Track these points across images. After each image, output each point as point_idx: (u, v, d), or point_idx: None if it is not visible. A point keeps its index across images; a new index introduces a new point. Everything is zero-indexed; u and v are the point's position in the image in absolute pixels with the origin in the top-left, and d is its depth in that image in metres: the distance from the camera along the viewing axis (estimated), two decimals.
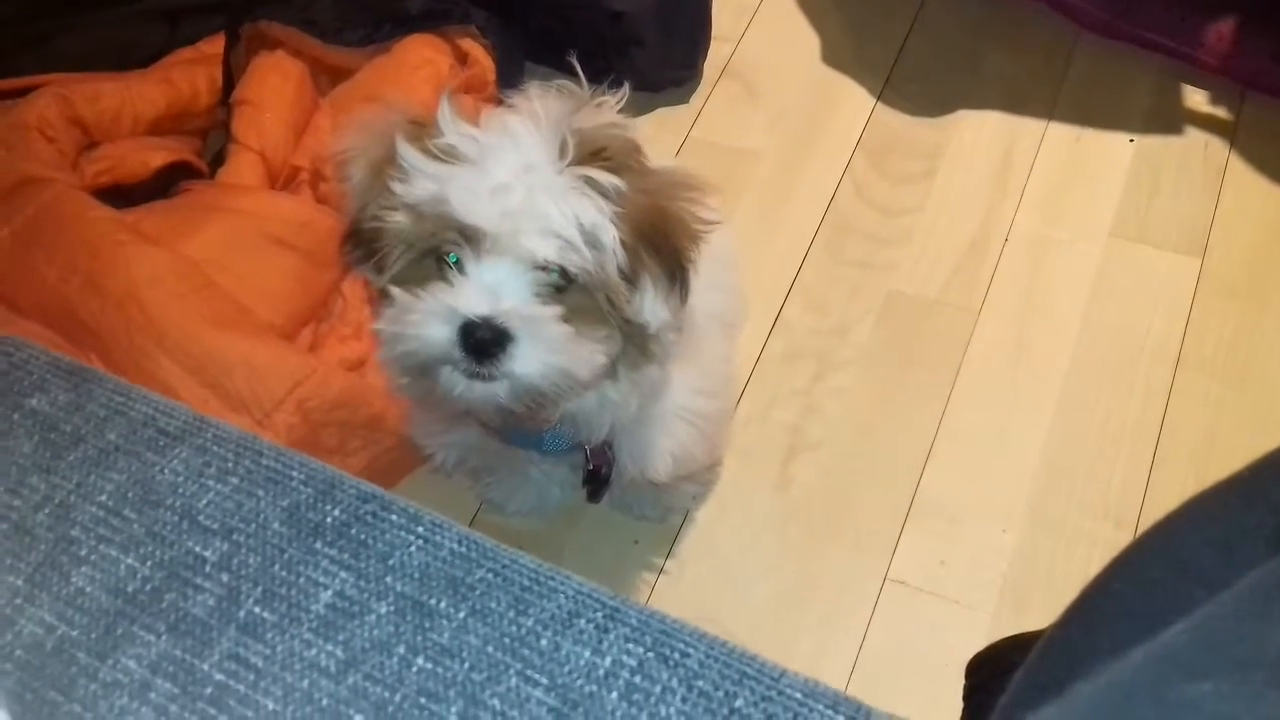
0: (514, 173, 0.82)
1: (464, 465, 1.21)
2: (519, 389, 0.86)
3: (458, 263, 0.85)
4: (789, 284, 1.51)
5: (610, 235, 0.84)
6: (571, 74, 0.94)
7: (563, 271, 0.84)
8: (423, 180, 0.83)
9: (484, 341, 0.83)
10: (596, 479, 1.10)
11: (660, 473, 1.07)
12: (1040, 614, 1.22)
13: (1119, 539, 1.28)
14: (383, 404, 1.29)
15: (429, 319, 0.84)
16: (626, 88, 0.95)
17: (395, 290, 0.86)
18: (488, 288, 0.84)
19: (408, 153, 0.84)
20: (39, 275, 1.32)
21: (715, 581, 1.29)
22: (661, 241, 0.87)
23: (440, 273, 0.86)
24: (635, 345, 0.92)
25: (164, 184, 1.49)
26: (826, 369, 1.44)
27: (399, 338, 0.86)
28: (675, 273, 0.88)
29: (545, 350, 0.85)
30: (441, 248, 0.85)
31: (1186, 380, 1.40)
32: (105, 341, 1.29)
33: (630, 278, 0.86)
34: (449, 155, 0.84)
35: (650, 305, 0.87)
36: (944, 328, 1.46)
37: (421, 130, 0.86)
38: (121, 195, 1.45)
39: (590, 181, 0.83)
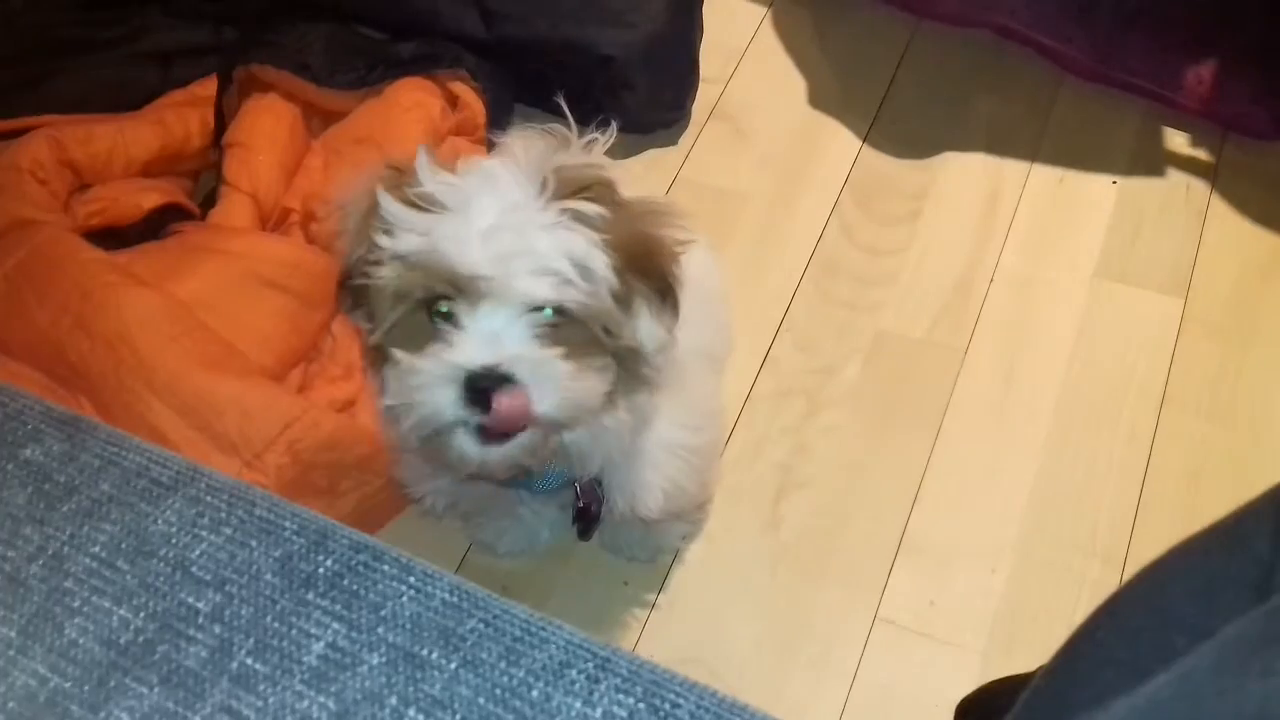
0: (500, 214, 0.83)
1: (454, 509, 1.21)
2: (533, 440, 0.87)
3: (450, 315, 0.85)
4: (778, 323, 1.53)
5: (601, 263, 0.84)
6: (561, 116, 0.95)
7: (558, 308, 0.85)
8: (407, 232, 0.84)
9: (490, 391, 0.83)
10: (587, 516, 1.11)
11: (651, 508, 1.08)
12: (1030, 653, 1.23)
13: (1107, 578, 1.29)
14: (373, 445, 1.29)
15: (433, 381, 0.84)
16: (614, 128, 0.96)
17: (397, 353, 0.86)
18: (487, 336, 0.84)
19: (389, 204, 0.84)
20: (30, 317, 1.33)
21: (705, 622, 1.29)
22: (648, 264, 0.89)
23: (434, 328, 0.86)
24: (629, 370, 0.93)
25: (155, 226, 1.50)
26: (816, 408, 1.45)
27: (407, 408, 0.85)
28: (665, 293, 0.90)
29: (554, 391, 0.85)
30: (433, 300, 0.85)
31: (1171, 419, 1.41)
32: (95, 383, 1.29)
33: (623, 303, 0.88)
34: (430, 204, 0.84)
35: (646, 326, 0.89)
36: (931, 367, 1.48)
37: (401, 179, 0.86)
38: (113, 237, 1.46)
39: (575, 214, 0.84)
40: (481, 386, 0.83)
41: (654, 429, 1.04)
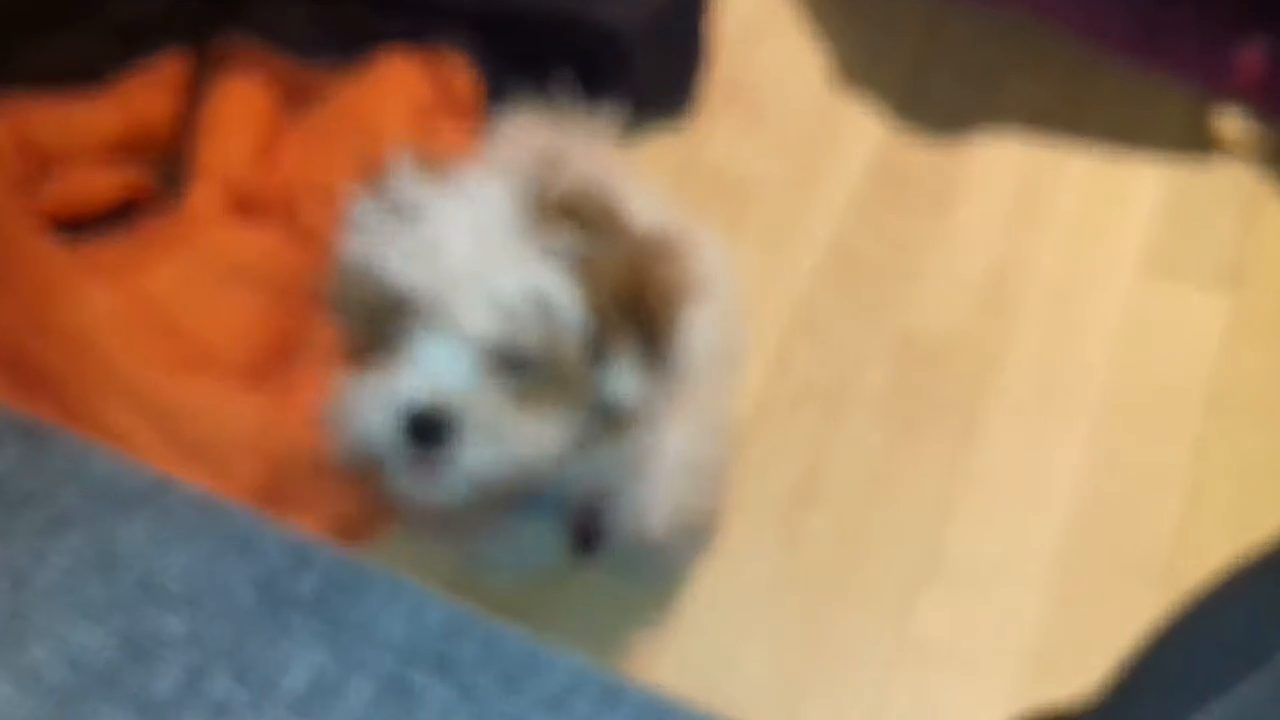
0: (460, 231, 0.81)
1: (445, 529, 1.21)
2: (467, 486, 0.85)
3: (402, 335, 0.84)
4: (794, 322, 1.53)
5: (568, 303, 0.82)
6: (562, 97, 0.95)
7: (517, 348, 0.83)
8: (370, 236, 0.83)
9: (426, 429, 0.82)
10: (587, 537, 1.11)
11: (657, 527, 1.08)
12: (1067, 680, 1.22)
13: (1151, 598, 1.29)
14: None
15: (369, 406, 0.83)
16: (620, 110, 0.96)
17: (337, 372, 0.86)
18: (429, 368, 0.82)
19: (359, 206, 0.84)
20: None
21: (717, 645, 1.30)
22: (637, 310, 0.86)
23: (385, 346, 0.85)
24: (608, 420, 0.91)
25: (121, 213, 1.50)
26: (835, 414, 1.45)
27: (342, 426, 0.85)
28: (651, 344, 0.87)
29: (494, 440, 0.83)
30: (386, 315, 0.84)
31: (1221, 426, 1.41)
32: (56, 387, 1.29)
33: (598, 350, 0.86)
34: (401, 210, 0.83)
35: (624, 379, 0.87)
36: (962, 370, 1.48)
37: (383, 176, 0.85)
38: (76, 226, 1.46)
39: (552, 245, 0.82)
40: (418, 421, 0.82)
41: (662, 445, 1.04)
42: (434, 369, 0.82)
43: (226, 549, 0.73)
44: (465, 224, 0.81)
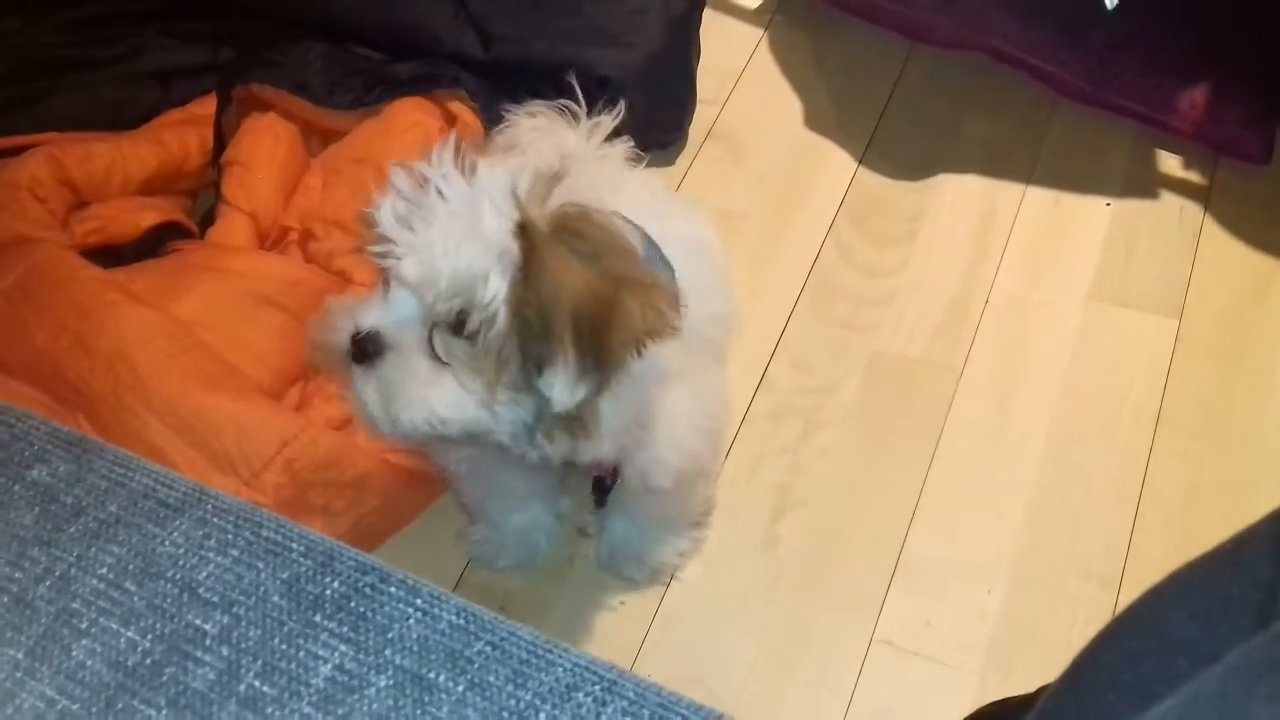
0: (448, 212, 0.87)
1: (473, 478, 1.22)
2: (387, 415, 0.92)
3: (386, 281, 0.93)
4: (774, 344, 1.54)
5: (495, 299, 0.86)
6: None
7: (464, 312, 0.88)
8: (393, 204, 0.90)
9: (361, 349, 0.92)
10: (600, 488, 1.15)
11: (667, 479, 1.10)
12: (1026, 675, 1.24)
13: (1103, 599, 1.30)
14: (369, 464, 1.30)
15: (336, 321, 0.94)
16: (622, 106, 1.02)
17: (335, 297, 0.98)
18: (383, 304, 0.92)
19: (395, 175, 0.91)
20: (28, 335, 1.33)
21: (701, 642, 1.30)
22: (594, 332, 0.85)
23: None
24: (560, 418, 0.92)
25: (154, 244, 1.51)
26: (812, 428, 1.46)
27: (318, 330, 0.96)
28: (597, 367, 0.87)
29: (407, 374, 0.91)
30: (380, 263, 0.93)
31: (1166, 440, 1.42)
32: (93, 402, 1.29)
33: (539, 352, 0.86)
34: (419, 182, 0.90)
35: (556, 386, 0.86)
36: (927, 388, 1.49)
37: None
38: (111, 255, 1.47)
39: (507, 249, 0.86)
40: (356, 340, 0.92)
41: (667, 419, 1.05)
42: (386, 305, 0.92)
43: (257, 555, 0.73)
44: (455, 207, 0.87)
